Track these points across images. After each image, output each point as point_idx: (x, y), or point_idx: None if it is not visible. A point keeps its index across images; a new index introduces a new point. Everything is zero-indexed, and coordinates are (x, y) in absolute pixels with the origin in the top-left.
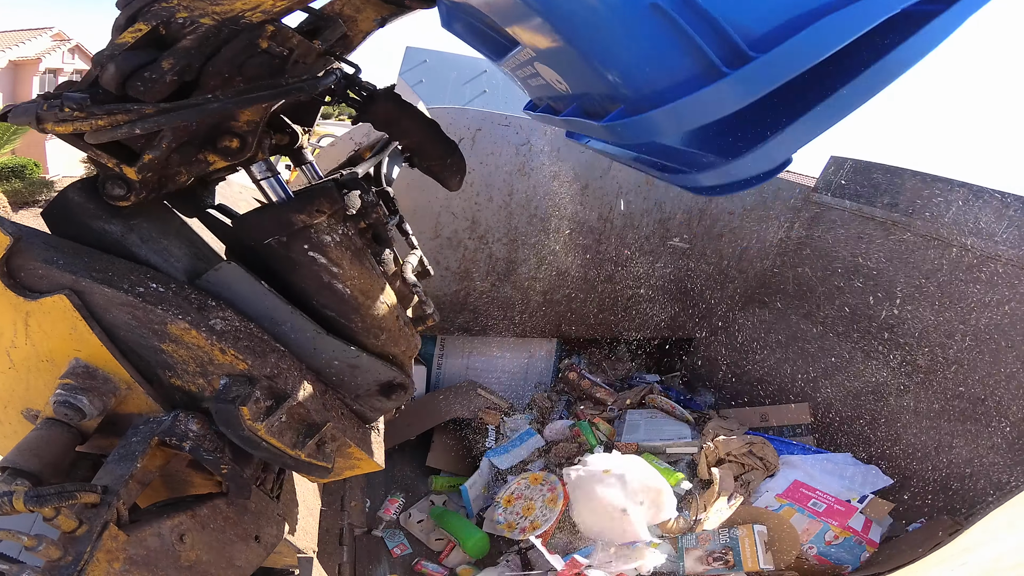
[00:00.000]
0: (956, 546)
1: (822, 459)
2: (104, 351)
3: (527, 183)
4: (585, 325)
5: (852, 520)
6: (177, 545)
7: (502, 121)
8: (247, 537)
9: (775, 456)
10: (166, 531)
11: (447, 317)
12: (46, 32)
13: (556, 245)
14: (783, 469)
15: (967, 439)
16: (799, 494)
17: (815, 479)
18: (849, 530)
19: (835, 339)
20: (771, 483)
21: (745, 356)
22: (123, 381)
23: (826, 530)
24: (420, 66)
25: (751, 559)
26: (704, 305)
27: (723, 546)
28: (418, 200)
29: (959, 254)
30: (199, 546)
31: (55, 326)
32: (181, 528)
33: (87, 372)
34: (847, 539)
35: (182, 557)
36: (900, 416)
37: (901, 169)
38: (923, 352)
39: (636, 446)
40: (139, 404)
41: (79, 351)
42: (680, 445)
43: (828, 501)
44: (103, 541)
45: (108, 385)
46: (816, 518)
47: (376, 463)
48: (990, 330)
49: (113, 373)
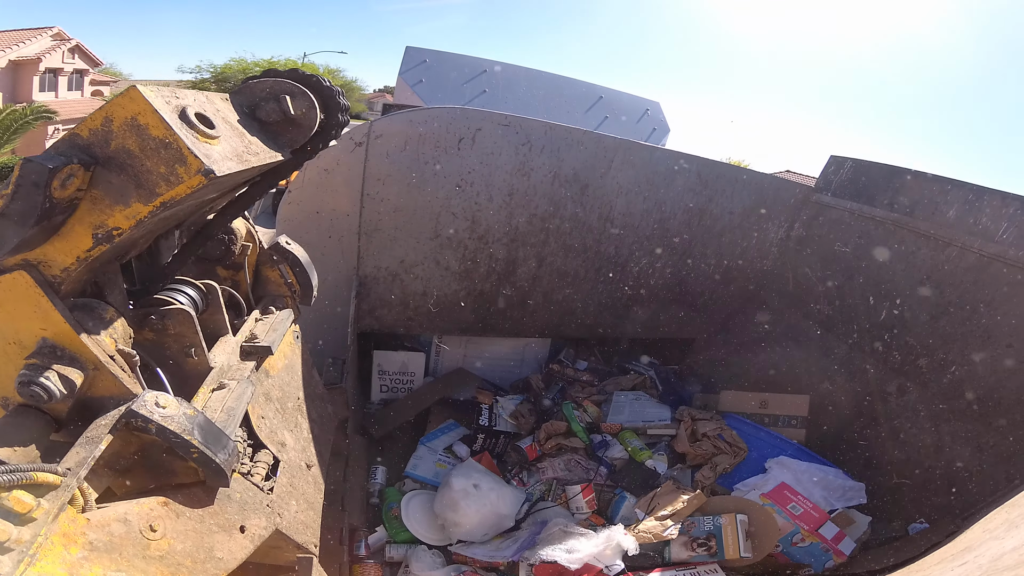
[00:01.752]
0: (956, 546)
1: (815, 468)
2: (69, 329)
3: (527, 183)
4: (585, 325)
5: (823, 528)
6: (146, 533)
7: (502, 121)
8: (230, 527)
9: (743, 443)
10: (134, 518)
11: (447, 317)
12: (46, 32)
13: (556, 245)
14: (774, 469)
15: (967, 439)
16: (782, 496)
17: (801, 484)
18: (818, 536)
19: (835, 339)
20: (758, 481)
21: (745, 356)
22: (90, 360)
23: (796, 532)
24: (420, 66)
25: (732, 547)
26: (704, 305)
27: (706, 533)
28: (418, 200)
29: (959, 254)
30: (173, 535)
31: (18, 305)
32: (152, 515)
33: (53, 351)
34: (814, 544)
35: (152, 546)
36: (900, 416)
37: (901, 169)
38: (923, 352)
39: (619, 427)
40: (109, 387)
41: (45, 330)
42: (660, 427)
43: (806, 507)
44: (59, 524)
45: (75, 364)
46: (791, 520)
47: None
48: (990, 330)
49: (79, 352)
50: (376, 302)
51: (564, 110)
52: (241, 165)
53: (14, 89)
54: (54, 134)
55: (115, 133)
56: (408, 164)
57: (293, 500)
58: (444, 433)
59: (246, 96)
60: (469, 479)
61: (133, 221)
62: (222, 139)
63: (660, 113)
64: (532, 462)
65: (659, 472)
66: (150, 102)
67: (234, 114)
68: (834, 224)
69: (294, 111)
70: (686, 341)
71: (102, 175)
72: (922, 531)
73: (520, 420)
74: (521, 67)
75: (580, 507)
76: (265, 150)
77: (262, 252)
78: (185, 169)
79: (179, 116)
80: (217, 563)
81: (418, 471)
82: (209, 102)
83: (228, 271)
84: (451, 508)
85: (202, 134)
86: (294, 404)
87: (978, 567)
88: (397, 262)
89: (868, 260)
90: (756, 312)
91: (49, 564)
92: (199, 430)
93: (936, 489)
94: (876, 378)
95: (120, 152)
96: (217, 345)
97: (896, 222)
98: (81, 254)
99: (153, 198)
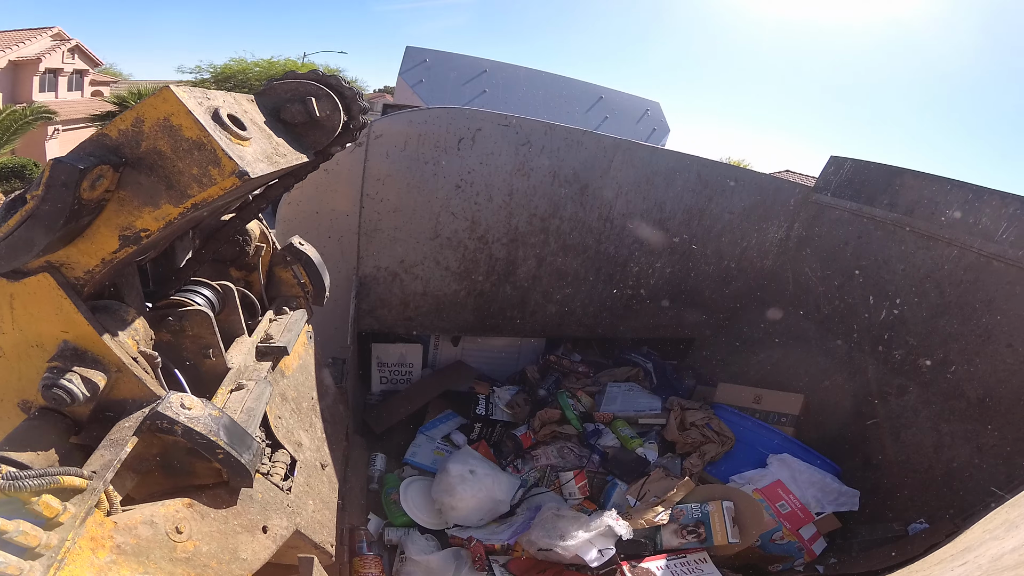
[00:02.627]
0: (956, 546)
1: (814, 471)
2: (92, 331)
3: (527, 183)
4: (585, 325)
5: (804, 528)
6: (172, 536)
7: (502, 121)
8: (253, 528)
9: (730, 432)
10: (160, 520)
11: (447, 317)
12: (46, 32)
13: (556, 245)
14: (774, 465)
15: (967, 439)
16: (775, 494)
17: (797, 484)
18: (797, 536)
19: (835, 339)
20: (755, 475)
21: (745, 356)
22: (112, 363)
23: (778, 530)
24: (420, 66)
25: (720, 534)
26: (704, 305)
27: (695, 520)
28: (418, 200)
29: (959, 254)
30: (198, 536)
31: (40, 307)
32: (177, 517)
33: (75, 354)
34: (791, 542)
35: (178, 548)
36: (900, 416)
37: (901, 169)
38: (923, 352)
39: (612, 416)
40: (131, 389)
41: (66, 332)
42: (650, 416)
43: (795, 506)
44: (87, 528)
45: (97, 367)
46: (776, 517)
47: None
48: (990, 330)
49: (102, 354)
50: (376, 302)
51: (564, 110)
52: (271, 167)
53: (14, 89)
54: (54, 134)
55: (146, 134)
56: (408, 164)
57: (310, 500)
58: (442, 423)
59: (271, 98)
60: (466, 465)
61: (163, 223)
62: (253, 141)
63: (660, 113)
64: (527, 450)
65: (649, 460)
66: (184, 103)
67: (260, 116)
68: (834, 224)
69: (319, 113)
70: (686, 341)
71: (131, 176)
72: (922, 531)
73: (516, 410)
74: (521, 67)
75: (573, 493)
76: (292, 152)
77: (275, 253)
78: (219, 171)
79: (212, 117)
80: (242, 564)
81: (417, 458)
82: (237, 103)
83: (241, 272)
84: (448, 493)
85: (235, 136)
86: (308, 404)
87: (978, 567)
88: (397, 262)
89: (868, 260)
90: (756, 312)
91: (78, 568)
92: (224, 431)
93: (936, 489)
94: (876, 378)
95: (151, 153)
96: (234, 346)
97: (896, 222)
98: (107, 256)
99: (185, 199)
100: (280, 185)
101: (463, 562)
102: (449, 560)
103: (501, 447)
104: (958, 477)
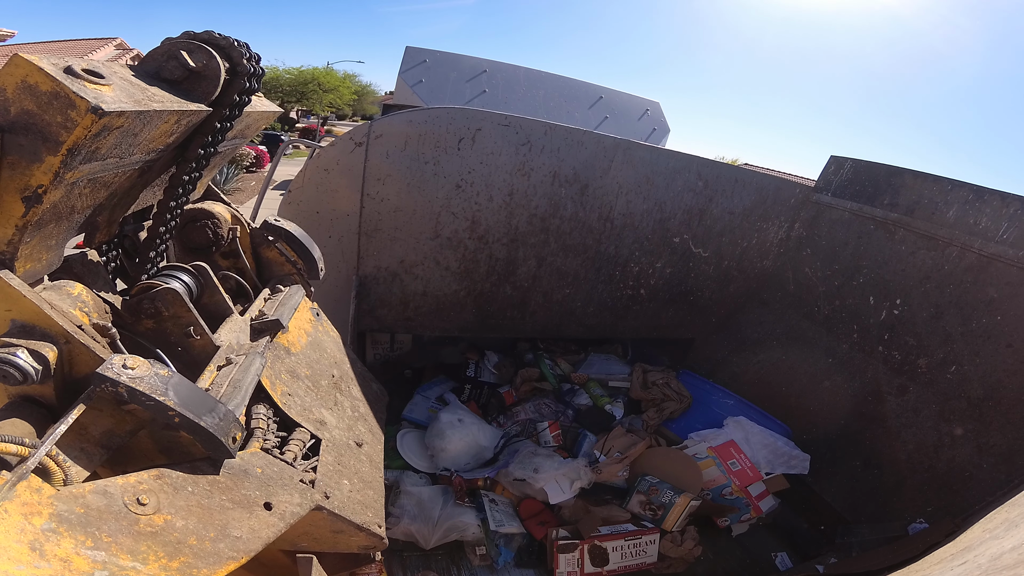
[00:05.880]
0: (956, 546)
1: (767, 433)
2: (33, 304)
3: (527, 183)
4: (585, 325)
5: (752, 486)
6: (133, 507)
7: (502, 121)
8: (249, 504)
9: (687, 392)
10: (117, 491)
11: (447, 317)
12: (110, 42)
13: (556, 245)
14: (729, 426)
15: (967, 439)
16: (727, 452)
17: (750, 445)
18: (745, 492)
19: (835, 339)
20: (710, 434)
21: (745, 356)
22: (59, 334)
23: (727, 486)
24: (420, 66)
25: (672, 521)
26: (704, 305)
27: (660, 503)
28: (418, 200)
29: (959, 254)
30: (171, 510)
31: None
32: (140, 489)
33: (23, 330)
34: (739, 498)
35: (142, 521)
36: (900, 416)
37: (901, 169)
38: (923, 352)
39: (586, 377)
40: (88, 361)
41: (10, 311)
42: (619, 379)
43: (745, 465)
44: (18, 492)
45: (46, 339)
46: (726, 474)
47: None
48: (990, 330)
49: (47, 326)
50: (376, 302)
51: (564, 110)
52: (138, 107)
53: None
54: None
55: (11, 99)
56: (408, 164)
57: (344, 479)
58: (437, 385)
59: (147, 63)
60: (455, 414)
61: (51, 175)
62: (115, 87)
63: (660, 113)
64: (509, 406)
65: (615, 416)
66: (34, 63)
67: (132, 75)
68: (834, 224)
69: (193, 63)
70: (686, 341)
71: (12, 140)
72: (922, 531)
73: (502, 371)
74: (521, 67)
75: (548, 441)
76: (171, 98)
77: (254, 233)
78: (76, 112)
79: (64, 71)
80: (234, 542)
81: (413, 414)
82: (105, 67)
83: (228, 260)
84: (438, 436)
85: (90, 82)
86: (328, 382)
87: (978, 567)
88: (397, 262)
89: (868, 260)
90: (756, 312)
91: (3, 534)
92: (174, 391)
93: (936, 489)
94: (876, 378)
95: (21, 114)
96: (223, 325)
97: (896, 222)
98: (18, 222)
99: (59, 147)
100: (195, 146)
101: (450, 496)
102: (438, 494)
103: (488, 408)
104: (958, 477)
